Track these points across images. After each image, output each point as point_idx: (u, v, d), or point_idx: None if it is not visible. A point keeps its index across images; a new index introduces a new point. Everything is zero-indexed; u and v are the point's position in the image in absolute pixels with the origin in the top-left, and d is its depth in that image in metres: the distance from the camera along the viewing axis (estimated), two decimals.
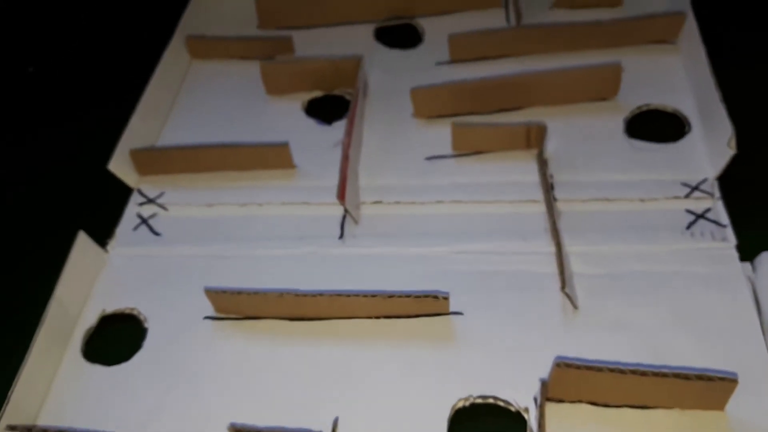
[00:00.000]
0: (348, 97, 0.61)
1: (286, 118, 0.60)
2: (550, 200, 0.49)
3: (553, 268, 0.46)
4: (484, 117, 0.57)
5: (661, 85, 0.57)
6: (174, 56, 0.64)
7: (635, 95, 0.56)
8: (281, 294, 0.44)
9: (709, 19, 0.58)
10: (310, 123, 0.60)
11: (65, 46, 0.73)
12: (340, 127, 0.58)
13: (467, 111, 0.57)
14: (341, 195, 0.49)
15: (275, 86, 0.62)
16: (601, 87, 0.56)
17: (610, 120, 0.55)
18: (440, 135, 0.56)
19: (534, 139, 0.53)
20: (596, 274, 0.46)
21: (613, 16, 0.63)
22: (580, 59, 0.59)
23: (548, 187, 0.50)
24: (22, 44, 0.74)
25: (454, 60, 0.62)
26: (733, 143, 0.48)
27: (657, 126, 0.55)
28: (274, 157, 0.55)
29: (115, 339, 0.47)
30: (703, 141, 0.53)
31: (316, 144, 0.57)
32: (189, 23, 0.67)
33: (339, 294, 0.43)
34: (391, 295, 0.43)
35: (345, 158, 0.51)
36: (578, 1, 0.64)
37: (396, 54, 0.64)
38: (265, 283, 0.48)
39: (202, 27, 0.69)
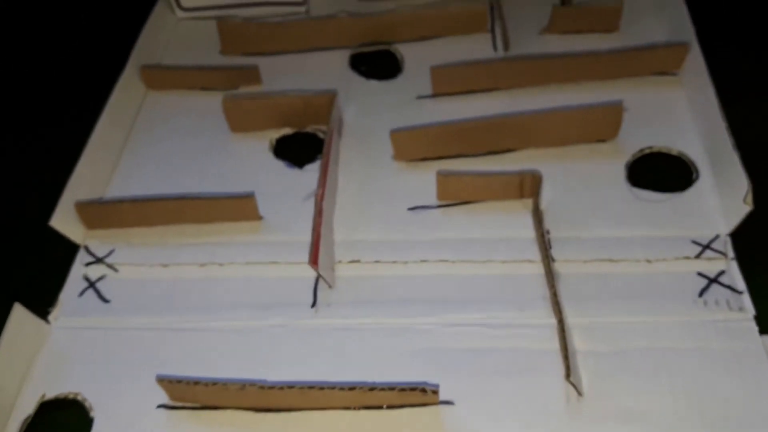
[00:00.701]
0: (321, 135, 0.56)
1: (252, 160, 0.54)
2: (547, 261, 0.44)
3: (553, 344, 0.41)
4: (472, 160, 0.52)
5: (664, 124, 0.52)
6: (127, 88, 0.58)
7: (636, 136, 0.51)
8: (243, 386, 0.38)
9: (711, 45, 0.53)
10: (279, 166, 0.54)
11: (7, 78, 0.66)
12: (312, 171, 0.53)
13: (453, 153, 0.52)
14: (314, 259, 0.43)
15: (240, 123, 0.56)
16: (600, 128, 0.51)
17: (611, 165, 0.50)
18: (424, 181, 0.50)
19: (528, 188, 0.48)
20: (601, 352, 0.41)
21: (610, 43, 0.58)
22: (575, 93, 0.54)
23: (545, 245, 0.45)
24: None
25: (437, 93, 0.57)
26: (750, 199, 0.43)
27: (661, 172, 0.50)
28: (238, 208, 0.49)
29: (56, 430, 0.41)
30: (713, 190, 0.48)
31: (286, 190, 0.51)
32: (144, 50, 0.61)
33: (311, 386, 0.38)
34: (372, 388, 0.37)
35: (318, 214, 0.46)
36: (571, 26, 0.59)
37: (373, 86, 0.59)
38: (227, 362, 0.42)
39: (158, 54, 0.63)
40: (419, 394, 0.37)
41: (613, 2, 0.58)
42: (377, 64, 0.61)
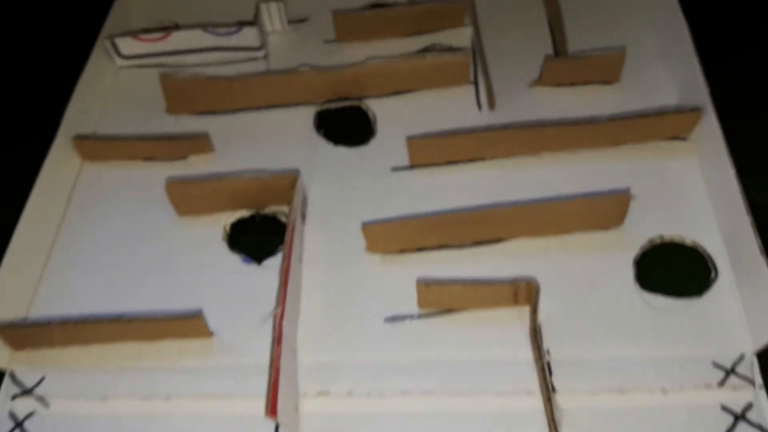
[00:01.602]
0: (283, 218, 0.48)
1: (202, 253, 0.47)
2: (548, 394, 0.38)
3: None
4: (457, 253, 0.45)
5: (675, 205, 0.46)
6: (59, 160, 0.50)
7: (644, 222, 0.45)
8: None
9: (722, 96, 0.47)
10: (234, 261, 0.46)
11: None
12: (272, 267, 0.45)
13: (435, 244, 0.45)
14: (272, 408, 0.36)
15: (188, 207, 0.48)
16: (603, 217, 0.44)
17: (616, 261, 0.43)
18: (402, 278, 0.44)
19: (523, 296, 0.41)
20: None
21: (609, 96, 0.51)
22: (571, 163, 0.48)
23: (545, 372, 0.39)
24: None
25: (415, 164, 0.49)
26: None
27: (675, 268, 0.43)
28: (184, 327, 0.42)
29: None
30: (735, 293, 0.41)
31: (241, 295, 0.45)
32: (79, 110, 0.53)
33: None
34: None
35: (277, 341, 0.39)
36: (565, 78, 0.52)
37: (342, 153, 0.51)
38: None
39: (95, 114, 0.55)
40: None
41: (614, 51, 0.50)
42: (346, 122, 0.54)
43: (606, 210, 0.43)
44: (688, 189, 0.46)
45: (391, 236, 0.44)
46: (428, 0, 0.56)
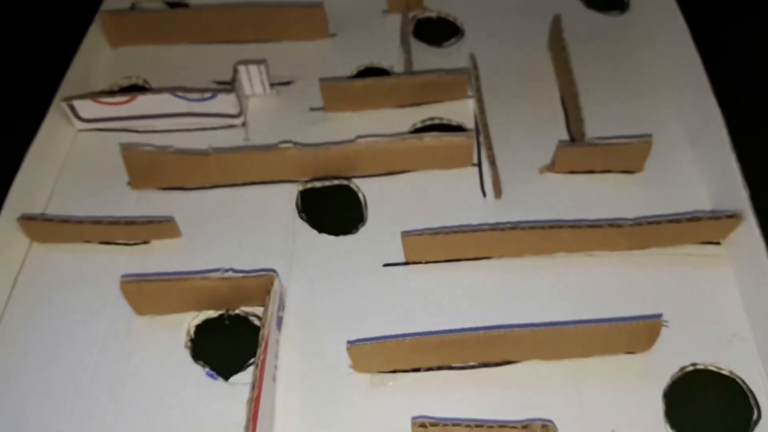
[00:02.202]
0: (255, 321, 0.42)
1: (162, 363, 0.40)
2: None
3: None
4: (458, 375, 0.39)
5: (708, 325, 0.40)
6: (2, 241, 0.44)
7: (674, 346, 0.39)
8: None
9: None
10: (198, 374, 0.40)
11: None
12: (241, 384, 0.39)
13: (433, 364, 0.39)
14: None
15: (147, 306, 0.42)
16: (629, 343, 0.38)
17: (644, 395, 0.37)
18: (396, 408, 0.37)
19: None
20: None
21: (630, 187, 0.46)
22: (589, 266, 0.42)
23: None
24: None
25: (411, 261, 0.43)
26: None
27: (711, 405, 0.37)
28: None
29: None
30: None
31: (203, 423, 0.38)
32: (27, 185, 0.46)
33: None
34: None
35: None
36: (581, 166, 0.46)
37: (327, 244, 0.45)
38: None
39: (47, 188, 0.48)
40: None
41: (639, 140, 0.45)
42: (332, 204, 0.47)
43: (633, 336, 0.37)
44: (723, 304, 0.40)
45: (383, 356, 0.38)
46: (426, 70, 0.50)
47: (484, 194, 0.46)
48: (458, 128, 0.50)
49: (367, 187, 0.47)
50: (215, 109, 0.51)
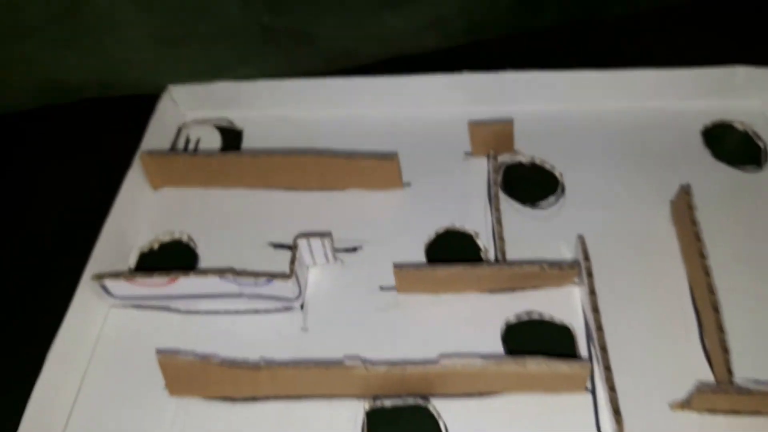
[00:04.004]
0: None
1: None
2: None
3: None
4: None
5: None
6: None
7: None
8: None
9: None
10: None
11: None
12: None
13: None
14: None
15: None
16: None
17: None
18: None
19: None
20: None
21: None
22: None
23: None
24: None
25: None
26: None
27: None
28: None
29: None
30: None
31: None
32: (47, 392, 0.39)
33: None
34: None
35: None
36: (723, 404, 0.36)
37: None
38: None
39: (68, 395, 0.41)
40: None
41: None
42: (405, 429, 0.39)
43: None
44: None
45: None
46: (525, 261, 0.42)
47: (599, 430, 0.37)
48: (563, 329, 0.41)
49: (449, 412, 0.39)
50: (270, 292, 0.43)
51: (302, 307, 0.43)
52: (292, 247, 0.43)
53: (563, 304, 0.42)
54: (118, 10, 0.44)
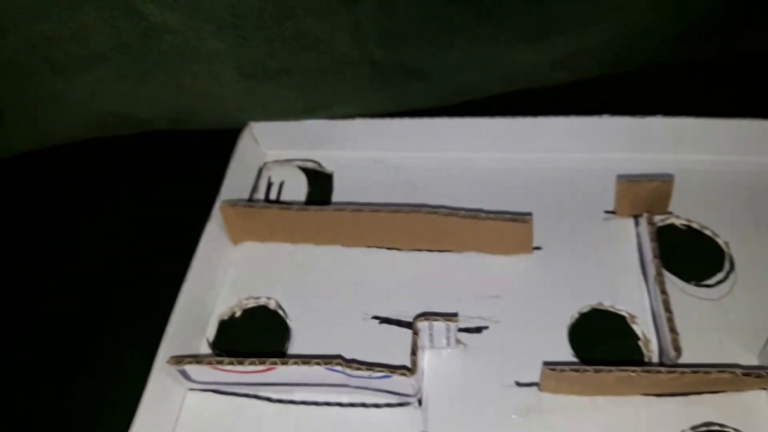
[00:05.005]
0: None
1: None
2: None
3: None
4: None
5: None
6: None
7: None
8: None
9: None
10: None
11: None
12: None
13: None
14: None
15: None
16: None
17: None
18: None
19: None
20: None
21: None
22: None
23: None
24: None
25: None
26: None
27: None
28: None
29: None
30: None
31: None
32: None
33: None
34: None
35: None
36: None
37: None
38: None
39: None
40: None
41: None
42: None
43: None
44: None
45: None
46: (702, 364, 0.33)
47: None
48: None
49: None
50: (383, 386, 0.35)
51: (421, 403, 0.36)
52: (412, 330, 0.36)
53: (747, 412, 0.34)
54: (203, 41, 0.37)
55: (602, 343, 0.37)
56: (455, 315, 0.36)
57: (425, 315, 0.36)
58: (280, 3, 0.34)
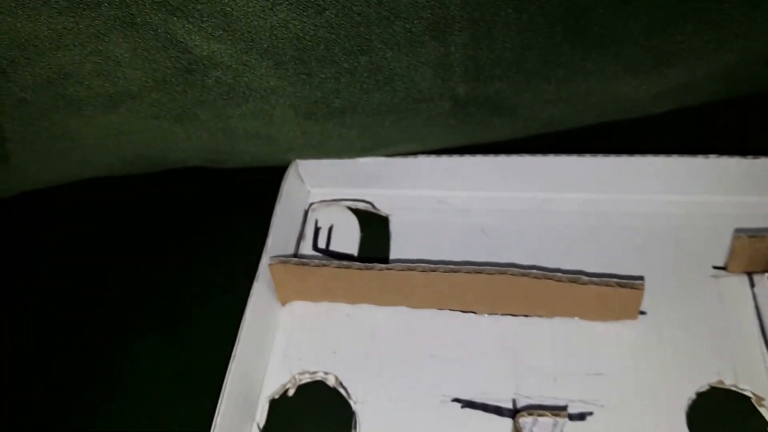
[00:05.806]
0: None
1: None
2: None
3: None
4: None
5: None
6: None
7: None
8: None
9: None
10: None
11: None
12: None
13: None
14: None
15: None
16: None
17: None
18: None
19: None
20: None
21: None
22: None
23: None
24: None
25: None
26: None
27: None
28: None
29: None
30: None
31: None
32: None
33: None
34: None
35: None
36: None
37: None
38: None
39: None
40: None
41: None
42: None
43: None
44: None
45: None
46: None
47: None
48: None
49: None
50: None
51: None
52: (512, 425, 0.30)
53: None
54: (258, 77, 0.30)
55: (724, 430, 0.32)
56: (564, 409, 0.30)
57: (528, 409, 0.30)
58: (354, 35, 0.28)
